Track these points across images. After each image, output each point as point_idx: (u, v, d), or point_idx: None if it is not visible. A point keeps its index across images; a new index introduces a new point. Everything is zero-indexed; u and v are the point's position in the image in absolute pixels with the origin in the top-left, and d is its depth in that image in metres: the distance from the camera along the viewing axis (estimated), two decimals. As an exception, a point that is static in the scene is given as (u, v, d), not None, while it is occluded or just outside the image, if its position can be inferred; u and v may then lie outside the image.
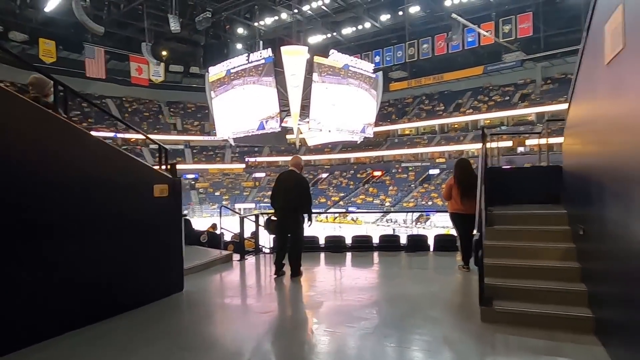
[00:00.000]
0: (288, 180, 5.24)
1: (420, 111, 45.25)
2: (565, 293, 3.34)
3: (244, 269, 5.99)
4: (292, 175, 5.26)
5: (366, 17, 33.99)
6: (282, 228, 5.24)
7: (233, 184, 49.10)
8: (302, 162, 5.49)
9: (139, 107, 50.87)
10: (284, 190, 5.22)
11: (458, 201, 5.05)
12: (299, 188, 5.16)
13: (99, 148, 3.74)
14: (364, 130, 21.37)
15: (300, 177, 5.30)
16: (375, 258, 6.49)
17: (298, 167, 5.34)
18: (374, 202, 39.14)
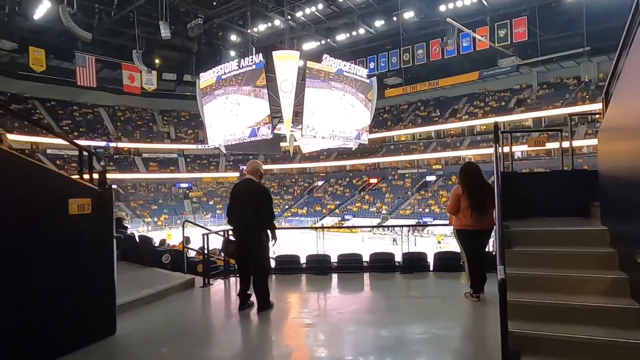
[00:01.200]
0: (243, 191, 4.29)
1: (415, 117, 44.91)
2: (618, 347, 2.37)
3: (205, 299, 5.01)
4: (248, 185, 4.31)
5: (360, 23, 33.67)
6: (242, 250, 4.25)
7: (227, 193, 48.28)
8: (260, 167, 4.44)
9: (132, 115, 50.33)
10: (240, 204, 4.25)
11: (467, 215, 4.12)
12: (257, 200, 4.21)
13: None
14: (358, 137, 20.81)
15: (259, 186, 4.35)
16: (366, 281, 5.55)
17: (256, 174, 4.36)
18: (370, 209, 38.60)
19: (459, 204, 4.17)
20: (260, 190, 4.27)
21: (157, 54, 41.12)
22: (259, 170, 4.36)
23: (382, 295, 5.03)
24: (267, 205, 4.25)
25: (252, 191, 4.20)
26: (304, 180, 48.92)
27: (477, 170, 4.29)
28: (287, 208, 44.23)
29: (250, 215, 4.13)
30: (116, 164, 45.64)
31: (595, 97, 33.41)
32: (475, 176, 4.23)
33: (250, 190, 4.22)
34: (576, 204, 3.75)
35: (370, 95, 21.53)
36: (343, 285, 5.46)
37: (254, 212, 4.12)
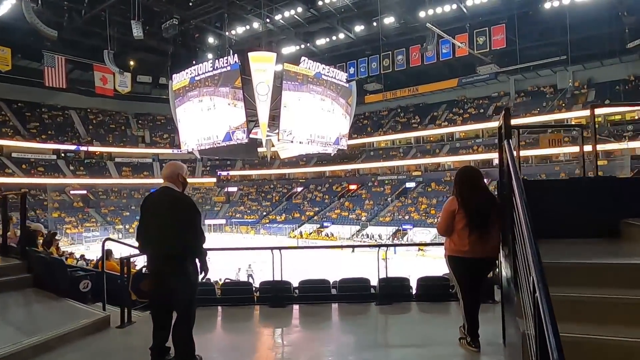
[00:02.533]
0: (159, 205, 3.10)
1: (395, 124, 44.77)
2: None
3: (115, 347, 3.55)
4: (166, 195, 3.10)
5: (340, 28, 33.30)
6: (160, 289, 3.06)
7: (204, 199, 47.17)
8: (182, 171, 3.24)
9: (105, 119, 48.68)
10: (156, 224, 3.06)
11: (464, 238, 3.04)
12: (179, 217, 3.01)
13: None
14: (337, 142, 20.28)
15: (181, 197, 3.15)
16: (334, 317, 4.45)
17: (176, 180, 3.17)
18: (349, 216, 38.05)
19: (454, 222, 3.10)
20: (184, 203, 3.06)
21: (131, 56, 39.85)
22: (177, 173, 3.15)
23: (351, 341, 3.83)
24: (194, 224, 3.07)
25: (172, 204, 3.02)
26: (282, 186, 48.10)
27: (479, 177, 3.24)
28: (265, 215, 43.29)
29: (170, 240, 2.95)
30: (87, 169, 43.89)
31: (571, 105, 33.90)
32: (475, 185, 3.16)
33: (169, 203, 3.03)
34: (604, 222, 2.79)
35: (350, 100, 21.08)
36: (304, 323, 4.32)
37: (176, 235, 2.94)
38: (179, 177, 3.16)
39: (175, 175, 3.14)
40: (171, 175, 3.14)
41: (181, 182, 3.18)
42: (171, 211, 3.00)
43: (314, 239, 35.36)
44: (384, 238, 32.06)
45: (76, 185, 41.80)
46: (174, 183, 3.13)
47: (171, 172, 3.16)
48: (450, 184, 37.98)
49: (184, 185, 3.21)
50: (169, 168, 3.19)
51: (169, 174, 3.16)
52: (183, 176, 3.20)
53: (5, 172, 37.68)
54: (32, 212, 35.93)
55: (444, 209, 3.21)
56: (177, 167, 3.20)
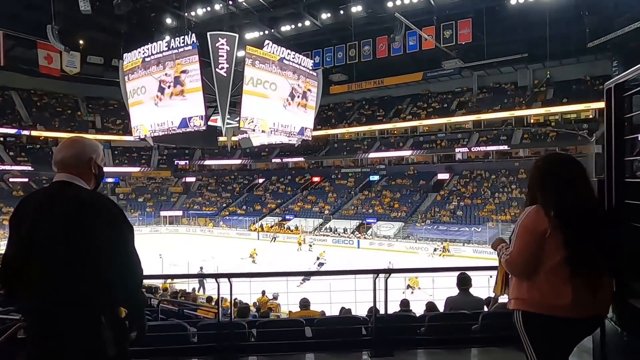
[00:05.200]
0: (45, 217, 1.60)
1: (360, 116, 44.29)
2: None
3: None
4: (60, 199, 1.63)
5: (306, 14, 32.14)
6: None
7: (159, 189, 44.91)
8: (96, 152, 1.79)
9: (51, 101, 45.10)
10: (36, 254, 1.59)
11: (564, 282, 1.76)
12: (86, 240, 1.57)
13: None
14: (302, 133, 19.35)
15: (89, 201, 1.65)
16: None
17: (83, 168, 1.74)
18: (312, 209, 37.27)
19: (540, 252, 1.80)
20: (102, 213, 1.63)
21: (81, 35, 36.90)
22: (91, 159, 1.76)
23: None
24: (122, 248, 1.63)
25: (74, 217, 1.58)
26: (243, 178, 46.58)
27: (583, 175, 1.89)
28: (224, 207, 41.71)
29: (65, 278, 1.55)
30: (29, 155, 40.52)
31: (531, 103, 34.60)
32: (580, 190, 1.86)
33: (68, 215, 1.59)
34: None
35: (315, 88, 20.21)
36: None
37: (81, 271, 1.56)
38: (91, 164, 1.74)
39: (85, 162, 1.72)
40: (75, 160, 1.70)
41: (94, 175, 1.76)
42: (72, 231, 1.55)
43: (276, 232, 34.34)
44: (347, 232, 31.55)
45: (16, 172, 38.47)
46: (81, 175, 1.70)
47: (76, 154, 1.71)
48: (415, 178, 38.65)
49: (97, 178, 1.78)
50: (73, 148, 1.74)
51: (71, 158, 1.71)
52: (97, 163, 1.77)
53: None
54: (-37, 201, 32.73)
55: (525, 228, 1.85)
56: (89, 147, 1.76)
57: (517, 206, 29.06)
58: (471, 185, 33.67)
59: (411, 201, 34.26)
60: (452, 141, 37.60)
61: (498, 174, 33.51)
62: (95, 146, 1.82)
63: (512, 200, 30.01)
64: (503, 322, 2.57)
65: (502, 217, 28.26)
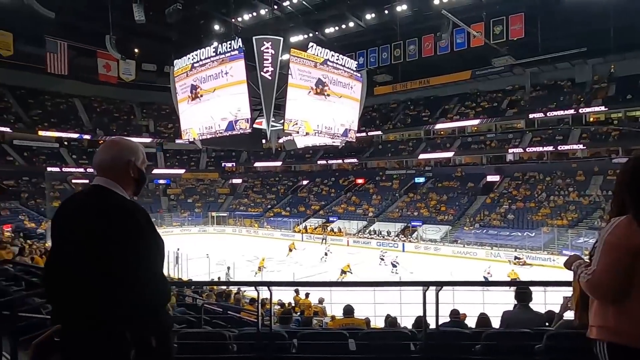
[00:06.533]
0: (73, 223, 1.51)
1: (405, 117, 43.49)
2: None
3: None
4: (89, 206, 1.53)
5: (350, 16, 32.02)
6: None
7: (207, 191, 46.37)
8: (136, 155, 1.64)
9: (109, 107, 47.86)
10: (63, 260, 1.51)
11: None
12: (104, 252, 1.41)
13: None
14: (346, 134, 19.24)
15: (115, 209, 1.49)
16: None
17: (120, 172, 1.60)
18: (356, 211, 36.98)
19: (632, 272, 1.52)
20: (125, 224, 1.46)
21: (136, 43, 38.89)
22: (130, 162, 1.62)
23: None
24: (141, 265, 1.45)
25: (96, 227, 1.43)
26: (288, 179, 47.11)
27: None
28: (269, 208, 42.35)
29: (85, 295, 1.41)
30: (90, 158, 43.09)
31: (591, 100, 32.45)
32: None
33: (90, 224, 1.45)
34: None
35: (360, 89, 20.05)
36: None
37: (99, 288, 1.40)
38: (129, 167, 1.60)
39: (122, 165, 1.59)
40: (112, 163, 1.59)
41: (133, 179, 1.62)
42: (96, 241, 1.41)
43: (319, 234, 34.37)
44: (392, 235, 30.99)
45: (78, 174, 41.09)
46: (118, 179, 1.57)
47: (114, 157, 1.60)
48: (463, 180, 37.31)
49: (137, 183, 1.64)
50: (111, 150, 1.63)
51: (108, 160, 1.60)
52: (137, 167, 1.63)
53: (7, 160, 37.05)
54: (31, 200, 35.35)
55: (612, 243, 1.56)
56: (127, 149, 1.64)
57: (575, 210, 27.30)
58: (524, 187, 32.04)
59: (458, 204, 33.13)
60: (502, 142, 35.97)
61: (553, 175, 31.67)
62: (134, 148, 1.67)
63: (569, 203, 28.22)
64: (573, 343, 2.24)
65: (558, 221, 26.62)
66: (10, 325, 2.19)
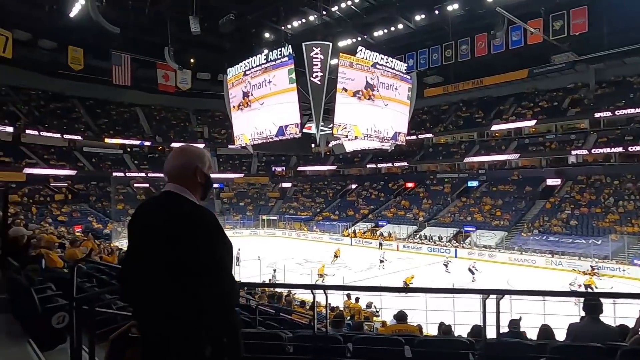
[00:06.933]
0: (149, 227, 1.60)
1: (457, 119, 42.23)
2: None
3: None
4: (162, 212, 1.60)
5: (399, 18, 31.64)
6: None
7: (258, 194, 47.52)
8: (203, 160, 1.71)
9: (167, 115, 50.50)
10: (138, 262, 1.62)
11: None
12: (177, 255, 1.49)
13: None
14: (395, 137, 19.02)
15: (188, 215, 1.56)
16: None
17: (188, 178, 1.67)
18: (406, 216, 36.35)
19: None
20: (197, 229, 1.52)
21: (191, 53, 40.75)
22: (197, 169, 1.68)
23: None
24: (212, 270, 1.51)
25: (171, 231, 1.52)
26: (337, 183, 47.23)
27: None
28: (318, 211, 42.65)
29: (161, 300, 1.51)
30: (150, 163, 45.67)
31: (665, 96, 29.86)
32: None
33: (165, 228, 1.54)
34: None
35: (409, 92, 19.76)
36: None
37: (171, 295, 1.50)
38: (196, 173, 1.66)
39: (190, 171, 1.65)
40: (181, 170, 1.65)
41: (200, 184, 1.68)
42: (170, 244, 1.50)
43: (368, 238, 34.14)
44: (443, 240, 30.14)
45: (140, 178, 43.60)
46: (187, 185, 1.64)
47: (182, 164, 1.66)
48: (520, 184, 35.38)
49: (204, 188, 1.70)
50: (180, 157, 1.69)
51: (177, 167, 1.66)
52: (204, 172, 1.69)
53: (77, 165, 40.09)
54: (99, 203, 37.97)
55: None
56: (194, 156, 1.69)
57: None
58: (588, 191, 29.98)
59: (515, 209, 31.59)
60: (563, 143, 33.92)
61: (622, 178, 29.39)
62: (201, 154, 1.73)
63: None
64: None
65: (628, 228, 24.65)
66: (89, 319, 2.40)
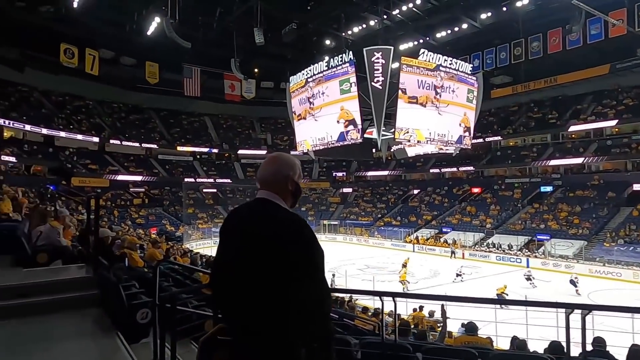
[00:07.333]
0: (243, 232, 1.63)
1: (528, 120, 39.82)
2: None
3: None
4: (257, 218, 1.65)
5: (464, 17, 30.57)
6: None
7: (319, 199, 48.01)
8: (294, 169, 1.77)
9: (233, 123, 52.78)
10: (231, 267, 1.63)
11: None
12: (275, 261, 1.52)
13: None
14: (460, 141, 18.39)
15: (284, 221, 1.61)
16: None
17: (281, 185, 1.73)
18: (472, 222, 34.82)
19: None
20: (295, 235, 1.56)
21: (255, 63, 42.32)
22: (289, 177, 1.74)
23: None
24: (310, 276, 1.55)
25: (268, 238, 1.57)
26: (398, 189, 46.42)
27: None
28: (379, 217, 42.17)
29: (254, 303, 1.53)
30: (217, 170, 47.95)
31: None
32: None
33: (261, 235, 1.58)
34: None
35: (475, 93, 19.04)
36: None
37: (268, 299, 1.51)
38: (289, 181, 1.73)
39: (282, 179, 1.73)
40: (273, 178, 1.72)
41: (290, 192, 1.74)
42: (264, 250, 1.54)
43: (431, 245, 33.15)
44: (514, 249, 28.45)
45: (208, 184, 45.90)
46: (279, 192, 1.71)
47: (275, 172, 1.73)
48: (601, 189, 32.47)
49: (294, 196, 1.77)
50: (272, 165, 1.76)
51: (270, 175, 1.73)
52: (295, 180, 1.75)
53: (153, 172, 43.11)
54: (171, 207, 40.50)
55: None
56: (286, 164, 1.76)
57: None
58: (684, 198, 26.87)
59: (596, 216, 29.05)
60: (653, 144, 30.74)
61: None
62: (292, 163, 1.78)
63: None
64: None
65: None
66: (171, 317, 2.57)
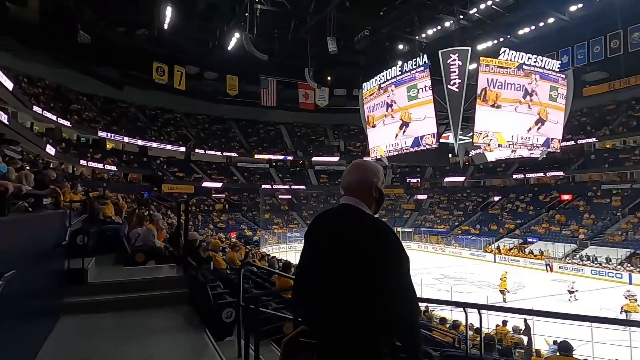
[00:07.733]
0: (330, 238, 1.65)
1: (628, 119, 35.83)
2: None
3: None
4: (344, 224, 1.66)
5: (550, 11, 28.44)
6: None
7: (393, 206, 47.24)
8: (378, 176, 1.77)
9: (307, 131, 54.02)
10: (317, 272, 1.66)
11: None
12: (362, 267, 1.52)
13: None
14: (547, 144, 17.11)
15: (371, 228, 1.60)
16: None
17: (365, 192, 1.74)
18: (562, 232, 32.00)
19: None
20: (381, 242, 1.56)
21: (328, 71, 43.04)
22: (373, 184, 1.74)
23: None
24: (399, 282, 1.55)
25: (355, 244, 1.57)
26: (477, 195, 44.16)
27: None
28: (457, 225, 40.39)
29: (345, 311, 1.53)
30: (292, 176, 49.31)
31: None
32: None
33: (348, 241, 1.59)
34: None
35: (565, 92, 17.60)
36: None
37: (355, 304, 1.52)
38: (373, 188, 1.74)
39: (367, 185, 1.73)
40: (358, 184, 1.73)
41: (375, 199, 1.75)
42: (351, 256, 1.54)
43: (515, 256, 30.98)
44: (613, 262, 25.62)
45: (283, 190, 47.36)
46: (363, 199, 1.72)
47: (360, 179, 1.74)
48: None
49: (378, 202, 1.77)
50: (357, 172, 1.77)
51: (355, 181, 1.74)
52: (378, 187, 1.76)
53: (232, 179, 45.50)
54: (249, 213, 42.36)
55: None
56: (370, 171, 1.76)
57: None
58: None
59: None
60: None
61: None
62: (376, 170, 1.78)
63: None
64: None
65: None
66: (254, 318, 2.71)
